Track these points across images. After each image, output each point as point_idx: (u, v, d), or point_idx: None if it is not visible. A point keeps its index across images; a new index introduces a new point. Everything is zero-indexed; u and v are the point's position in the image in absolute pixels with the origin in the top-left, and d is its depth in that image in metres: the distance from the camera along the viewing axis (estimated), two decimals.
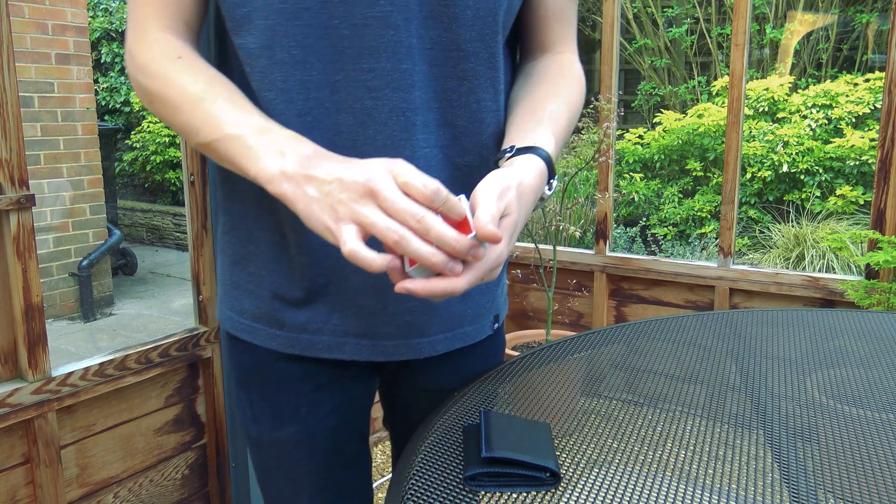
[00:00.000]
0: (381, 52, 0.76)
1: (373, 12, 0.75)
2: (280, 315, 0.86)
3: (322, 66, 0.76)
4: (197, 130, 0.73)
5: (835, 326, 1.17)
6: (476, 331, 0.92)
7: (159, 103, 0.77)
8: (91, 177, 4.56)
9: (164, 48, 0.78)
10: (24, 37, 4.13)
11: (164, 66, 0.76)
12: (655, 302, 2.64)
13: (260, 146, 0.69)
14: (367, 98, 0.77)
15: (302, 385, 0.88)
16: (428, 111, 0.79)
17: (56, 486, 1.60)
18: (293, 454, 0.90)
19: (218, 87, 0.75)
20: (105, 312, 4.72)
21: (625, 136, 5.20)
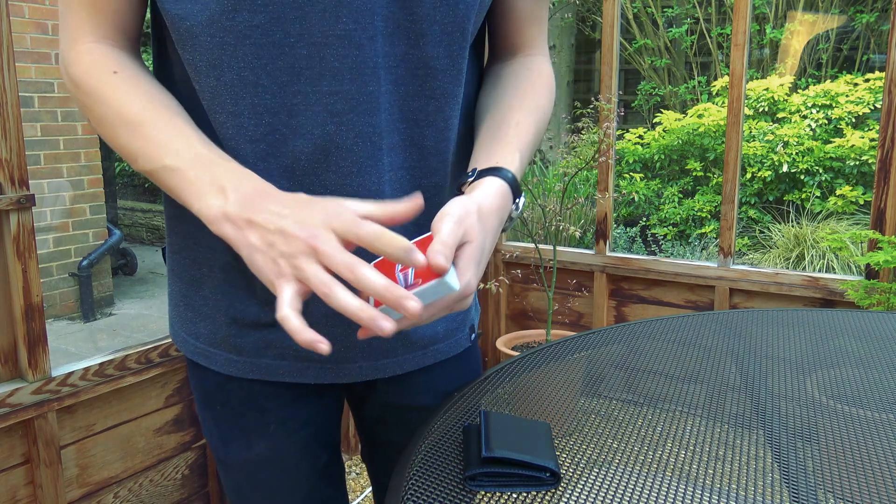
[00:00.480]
0: (343, 74, 0.70)
1: (334, 31, 0.69)
2: (238, 341, 0.81)
3: (276, 90, 0.70)
4: (136, 157, 0.69)
5: (835, 326, 1.17)
6: (450, 346, 0.88)
7: (96, 122, 0.72)
8: (91, 177, 4.56)
9: (97, 60, 0.72)
10: (24, 37, 4.13)
11: (99, 82, 0.71)
12: (655, 302, 2.64)
13: (200, 181, 0.65)
14: (330, 123, 0.71)
15: (269, 402, 0.84)
16: (394, 133, 0.74)
17: (56, 486, 1.60)
18: (265, 473, 0.86)
19: (156, 108, 0.70)
20: (105, 312, 4.72)
21: (625, 136, 5.20)
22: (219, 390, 0.85)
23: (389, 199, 0.66)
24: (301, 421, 0.86)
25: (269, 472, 0.86)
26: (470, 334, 0.91)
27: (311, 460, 0.88)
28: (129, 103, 0.69)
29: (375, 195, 0.74)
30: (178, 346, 0.87)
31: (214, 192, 0.64)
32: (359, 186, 0.73)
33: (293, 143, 0.72)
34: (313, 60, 0.69)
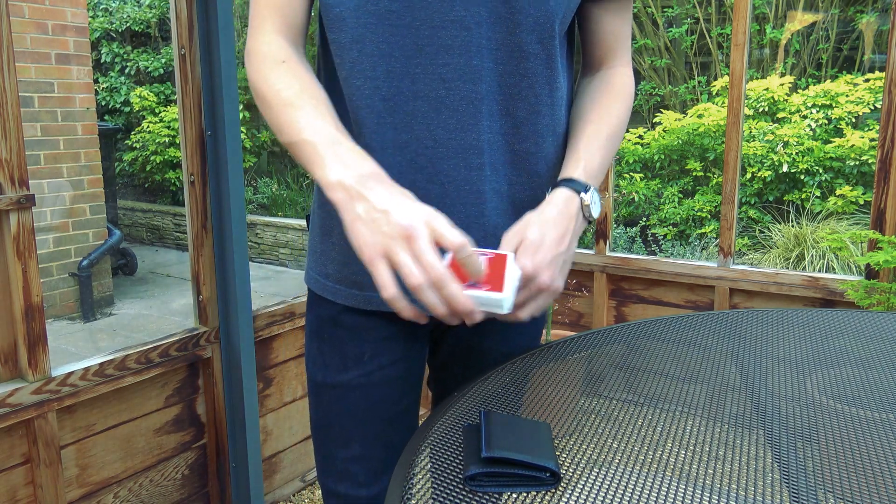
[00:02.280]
0: (454, 50, 0.89)
1: (449, 16, 0.88)
2: (358, 278, 0.98)
3: (404, 60, 0.89)
4: (280, 130, 0.85)
5: (835, 326, 1.17)
6: None
7: (258, 99, 0.88)
8: (91, 177, 4.56)
9: (272, 50, 0.90)
10: (24, 37, 4.13)
11: (268, 68, 0.88)
12: (655, 302, 2.64)
13: (328, 155, 0.79)
14: (441, 88, 0.89)
15: (368, 334, 1.00)
16: (492, 102, 0.91)
17: (56, 486, 1.60)
18: (352, 397, 1.01)
19: (307, 95, 0.85)
20: (105, 312, 4.72)
21: (625, 136, 5.20)
22: (331, 322, 1.01)
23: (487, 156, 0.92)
24: (392, 358, 1.01)
25: (356, 397, 1.01)
26: None
27: (392, 397, 1.02)
28: (288, 87, 0.86)
29: (475, 150, 0.92)
30: (310, 286, 1.05)
31: (338, 165, 0.78)
32: (461, 141, 0.91)
33: (413, 103, 0.90)
34: (432, 39, 0.89)
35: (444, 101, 0.90)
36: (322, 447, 1.05)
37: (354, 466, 1.02)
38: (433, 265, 0.70)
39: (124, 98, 7.23)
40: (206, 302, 1.90)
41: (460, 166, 0.92)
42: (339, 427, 1.02)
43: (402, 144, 0.90)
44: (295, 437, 2.30)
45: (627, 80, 1.03)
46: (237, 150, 1.82)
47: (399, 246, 0.71)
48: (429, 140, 0.91)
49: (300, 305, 2.21)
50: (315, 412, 1.06)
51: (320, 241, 1.02)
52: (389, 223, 0.72)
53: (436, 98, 0.90)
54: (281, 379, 2.21)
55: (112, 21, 7.43)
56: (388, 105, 0.90)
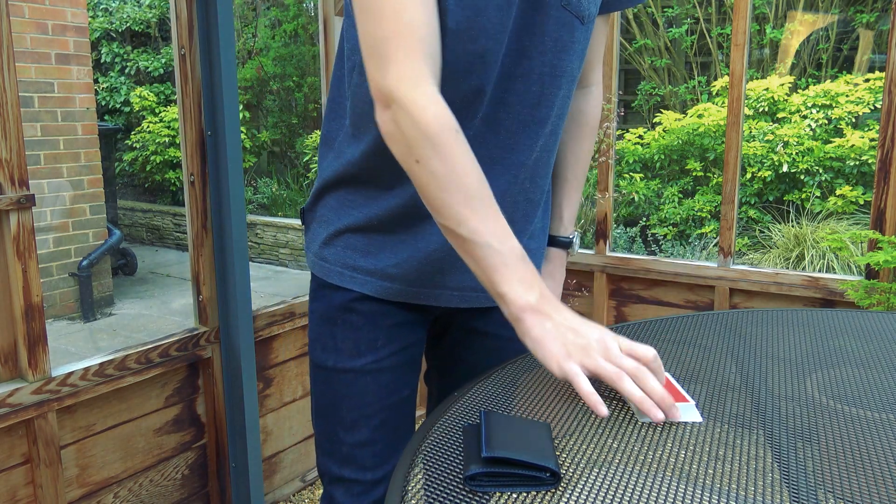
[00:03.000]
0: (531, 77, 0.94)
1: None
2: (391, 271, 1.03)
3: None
4: (458, 219, 0.82)
5: (835, 326, 1.17)
6: None
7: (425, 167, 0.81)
8: (91, 177, 4.56)
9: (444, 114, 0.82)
10: (24, 37, 4.13)
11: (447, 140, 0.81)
12: (655, 302, 2.64)
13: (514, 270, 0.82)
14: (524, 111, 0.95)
15: (383, 321, 1.04)
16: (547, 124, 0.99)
17: (56, 486, 1.60)
18: (363, 383, 1.04)
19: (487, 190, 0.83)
20: (105, 312, 4.72)
21: (625, 136, 5.20)
22: (345, 308, 1.04)
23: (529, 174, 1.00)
24: (401, 345, 1.06)
25: (366, 382, 1.04)
26: None
27: (398, 383, 1.06)
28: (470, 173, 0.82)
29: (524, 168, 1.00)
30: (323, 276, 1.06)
31: (525, 285, 0.82)
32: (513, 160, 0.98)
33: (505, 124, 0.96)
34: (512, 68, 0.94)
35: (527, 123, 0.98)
36: (327, 432, 1.08)
37: (360, 451, 1.05)
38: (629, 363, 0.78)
39: (124, 98, 7.23)
40: (206, 302, 1.90)
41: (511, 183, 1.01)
42: (347, 411, 1.05)
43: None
44: (295, 437, 2.30)
45: (597, 103, 1.15)
46: (237, 150, 1.82)
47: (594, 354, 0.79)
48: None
49: (300, 305, 2.21)
50: (321, 398, 1.08)
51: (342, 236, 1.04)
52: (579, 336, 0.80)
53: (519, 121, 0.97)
54: (281, 379, 2.21)
55: (112, 21, 7.43)
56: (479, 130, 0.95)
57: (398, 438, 1.07)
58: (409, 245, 1.00)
